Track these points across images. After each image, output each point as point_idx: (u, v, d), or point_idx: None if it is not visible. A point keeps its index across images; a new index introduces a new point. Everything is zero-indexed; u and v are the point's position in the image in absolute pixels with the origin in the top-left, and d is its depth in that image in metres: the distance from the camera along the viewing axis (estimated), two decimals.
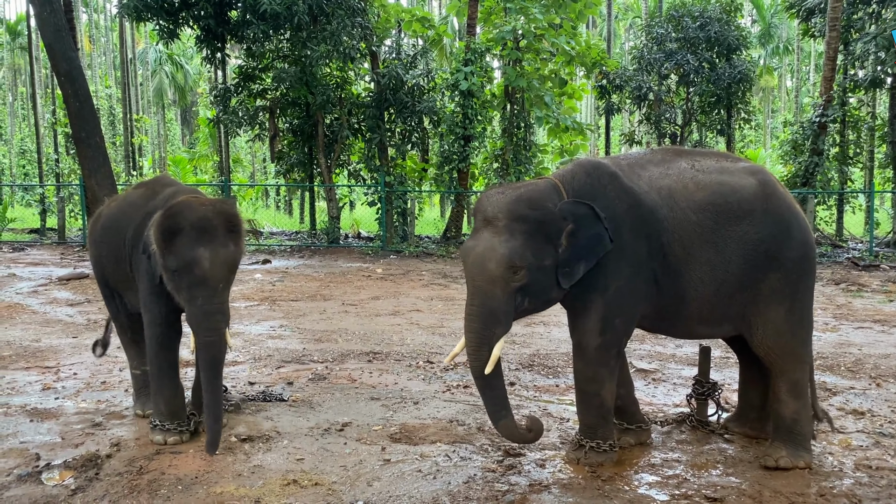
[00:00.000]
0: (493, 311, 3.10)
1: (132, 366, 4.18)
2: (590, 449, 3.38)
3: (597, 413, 3.35)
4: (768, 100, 39.97)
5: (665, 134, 16.62)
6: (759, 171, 3.38)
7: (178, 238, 3.30)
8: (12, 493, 3.15)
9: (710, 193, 3.25)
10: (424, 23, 16.26)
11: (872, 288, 9.29)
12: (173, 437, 3.67)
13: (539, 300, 3.19)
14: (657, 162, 3.41)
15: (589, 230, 3.11)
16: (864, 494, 3.07)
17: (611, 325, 3.23)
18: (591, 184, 3.27)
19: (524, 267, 3.06)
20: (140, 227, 3.68)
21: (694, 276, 3.24)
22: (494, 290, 3.08)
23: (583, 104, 32.37)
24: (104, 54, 41.81)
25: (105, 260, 4.02)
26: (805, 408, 3.38)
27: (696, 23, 15.44)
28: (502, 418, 3.18)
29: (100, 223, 4.10)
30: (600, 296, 3.21)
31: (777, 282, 3.26)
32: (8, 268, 11.05)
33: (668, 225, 3.22)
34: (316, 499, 3.06)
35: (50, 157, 21.18)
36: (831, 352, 5.72)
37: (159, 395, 3.71)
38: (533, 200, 3.15)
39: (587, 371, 3.30)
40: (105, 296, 4.18)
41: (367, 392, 4.62)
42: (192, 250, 3.28)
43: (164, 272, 3.38)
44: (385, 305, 7.97)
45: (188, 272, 3.29)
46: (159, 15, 14.18)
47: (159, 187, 3.96)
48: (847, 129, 14.75)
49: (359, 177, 16.33)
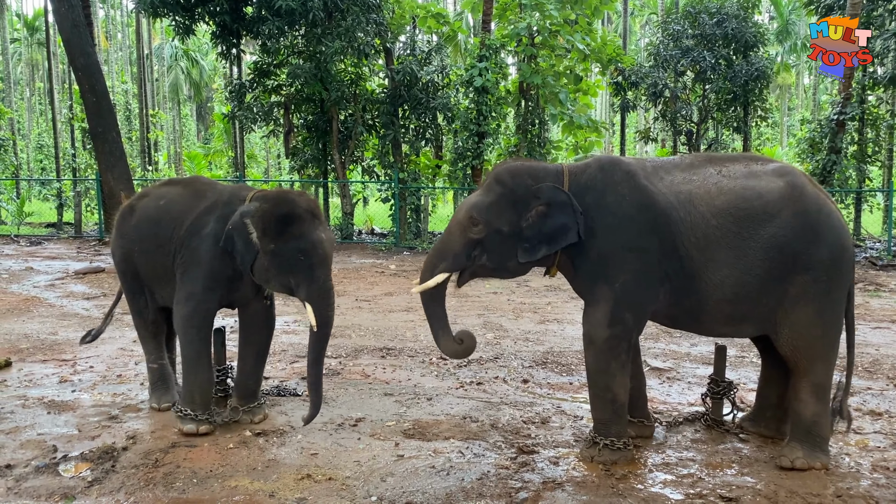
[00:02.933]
0: (445, 248, 3.47)
1: (149, 360, 4.22)
2: (604, 447, 3.38)
3: (609, 408, 3.36)
4: (785, 97, 39.61)
5: (681, 131, 16.49)
6: (789, 173, 3.32)
7: (294, 225, 3.53)
8: (30, 483, 3.18)
9: (733, 198, 3.24)
10: (439, 19, 16.20)
11: (890, 288, 9.19)
12: (205, 426, 3.75)
13: (494, 261, 3.42)
14: (684, 167, 3.42)
15: (559, 218, 3.27)
16: (882, 496, 3.04)
17: (620, 318, 3.27)
18: (602, 178, 3.36)
19: (482, 222, 3.34)
20: (199, 221, 3.77)
21: (714, 279, 3.24)
22: (455, 232, 3.44)
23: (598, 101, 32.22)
24: (121, 50, 42.11)
25: (139, 254, 4.02)
26: (825, 410, 3.34)
27: (713, 19, 15.29)
28: (440, 338, 3.52)
29: (133, 218, 4.08)
30: (609, 289, 3.27)
31: (806, 284, 3.22)
32: (25, 261, 11.16)
33: (683, 228, 3.24)
34: (329, 493, 3.07)
35: (67, 152, 21.34)
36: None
37: (195, 385, 3.77)
38: (516, 172, 3.43)
39: (596, 363, 3.35)
40: (132, 290, 4.17)
41: (381, 388, 4.63)
42: (313, 233, 3.54)
43: (274, 258, 3.54)
44: (398, 301, 7.98)
45: (312, 253, 3.51)
46: (175, 11, 14.24)
47: (203, 185, 4.10)
48: (865, 127, 14.55)
49: (372, 173, 16.34)
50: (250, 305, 3.94)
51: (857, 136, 14.43)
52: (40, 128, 35.13)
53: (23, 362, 5.21)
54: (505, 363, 5.30)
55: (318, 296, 3.54)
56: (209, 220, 3.76)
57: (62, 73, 31.11)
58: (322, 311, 3.54)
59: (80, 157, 20.38)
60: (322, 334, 3.55)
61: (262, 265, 3.59)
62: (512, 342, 6.02)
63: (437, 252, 3.50)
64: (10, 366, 5.11)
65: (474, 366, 5.22)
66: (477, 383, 4.77)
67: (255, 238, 3.55)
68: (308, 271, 3.52)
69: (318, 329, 3.52)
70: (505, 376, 4.96)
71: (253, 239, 3.56)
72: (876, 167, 16.62)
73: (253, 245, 3.57)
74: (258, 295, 3.91)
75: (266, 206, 3.60)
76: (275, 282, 3.63)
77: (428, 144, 16.13)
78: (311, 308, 3.51)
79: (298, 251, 3.51)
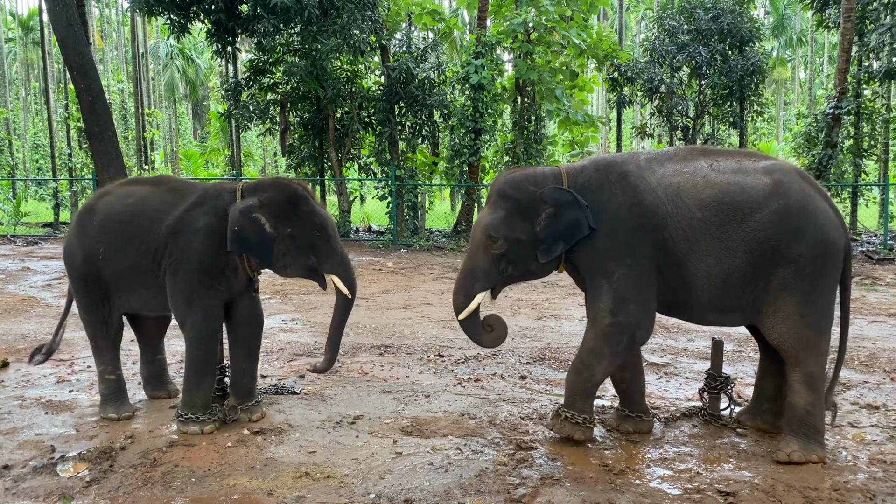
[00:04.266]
0: (475, 270, 3.58)
1: (107, 371, 4.02)
2: (565, 419, 3.55)
3: (581, 385, 3.53)
4: (781, 92, 39.66)
5: (677, 127, 16.51)
6: (777, 171, 3.40)
7: (302, 204, 3.69)
8: (28, 484, 3.18)
9: (718, 192, 3.36)
10: (435, 16, 16.18)
11: (887, 281, 9.21)
12: (209, 426, 3.75)
13: (520, 269, 3.60)
14: (677, 160, 3.53)
15: (569, 215, 3.44)
16: (879, 489, 3.05)
17: (623, 307, 3.41)
18: (597, 178, 3.53)
19: (501, 237, 3.50)
20: (186, 218, 3.71)
21: (700, 269, 3.37)
22: (478, 253, 3.57)
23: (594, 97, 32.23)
24: (116, 49, 42.00)
25: (105, 256, 3.82)
26: (819, 401, 3.37)
27: (709, 14, 15.30)
28: (479, 341, 3.68)
29: (95, 218, 3.88)
30: (607, 281, 3.44)
31: (787, 276, 3.30)
32: (22, 261, 11.15)
33: (670, 221, 3.38)
34: (328, 491, 3.07)
35: (63, 152, 21.32)
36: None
37: (198, 388, 3.75)
38: (518, 183, 3.56)
39: (592, 342, 3.50)
40: (93, 298, 3.93)
41: (379, 385, 4.64)
42: (320, 209, 3.76)
43: (293, 241, 3.69)
44: (396, 299, 7.98)
45: (327, 226, 3.73)
46: (170, 9, 14.21)
47: (179, 183, 4.06)
48: (861, 122, 14.57)
49: (369, 170, 16.34)
50: (239, 301, 3.89)
51: (852, 130, 14.45)
52: (36, 127, 35.07)
53: (20, 363, 5.20)
54: (503, 360, 5.30)
55: (341, 265, 3.76)
56: (198, 216, 3.71)
57: (57, 72, 31.02)
58: (349, 278, 3.79)
59: (77, 156, 20.36)
60: (351, 300, 3.81)
61: (279, 252, 3.69)
62: (509, 339, 6.01)
63: (468, 275, 3.60)
64: (7, 366, 5.10)
65: (472, 362, 5.22)
66: (475, 380, 4.77)
67: (270, 228, 3.64)
68: (327, 244, 3.72)
69: (350, 295, 3.78)
70: (503, 373, 4.96)
71: (267, 229, 3.63)
72: (872, 161, 16.66)
73: (269, 236, 3.65)
74: (248, 289, 3.89)
75: (270, 193, 3.69)
76: (294, 266, 3.76)
77: (424, 141, 16.12)
78: (338, 278, 3.75)
79: (314, 227, 3.69)
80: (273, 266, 3.75)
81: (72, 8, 12.08)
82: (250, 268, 3.79)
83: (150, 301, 3.92)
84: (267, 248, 3.67)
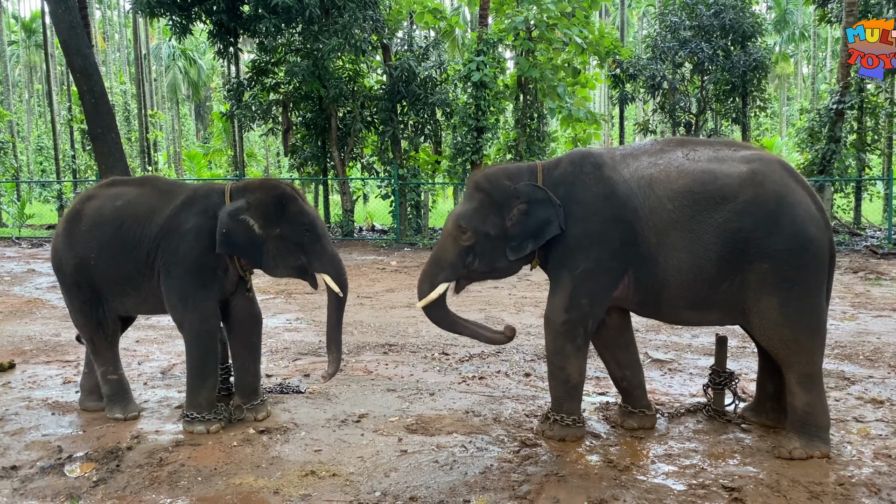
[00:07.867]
0: (441, 260, 3.60)
1: (108, 371, 4.01)
2: (554, 422, 3.58)
3: (562, 387, 3.54)
4: (784, 87, 39.54)
5: (679, 123, 16.47)
6: (756, 160, 3.27)
7: (291, 204, 3.69)
8: (36, 484, 3.20)
9: (689, 181, 3.25)
10: (436, 14, 16.17)
11: (891, 276, 9.19)
12: (215, 425, 3.76)
13: (487, 264, 3.57)
14: (653, 152, 3.45)
15: (540, 213, 3.40)
16: (884, 483, 3.05)
17: (576, 303, 3.40)
18: (572, 172, 3.49)
19: (470, 229, 3.49)
20: (176, 219, 3.70)
21: (671, 263, 3.27)
22: (447, 243, 3.58)
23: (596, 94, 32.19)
24: (118, 50, 42.08)
25: (98, 261, 3.80)
26: (819, 398, 3.32)
27: (711, 10, 15.26)
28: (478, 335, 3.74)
29: (84, 223, 3.84)
30: (569, 274, 3.42)
31: (764, 273, 3.18)
32: (27, 263, 11.18)
33: (641, 213, 3.31)
34: (334, 489, 3.08)
35: (66, 154, 21.38)
36: (849, 340, 5.67)
37: (202, 389, 3.76)
38: (494, 177, 3.56)
39: (553, 345, 3.51)
40: (87, 302, 3.92)
41: (383, 384, 4.65)
42: (308, 209, 3.76)
43: (282, 241, 3.69)
44: (400, 298, 7.99)
45: (316, 225, 3.73)
46: (172, 10, 14.23)
47: (167, 183, 4.04)
48: (865, 116, 14.52)
49: (372, 170, 16.35)
50: (235, 301, 3.89)
51: (856, 124, 14.40)
52: (39, 130, 35.16)
53: (26, 364, 5.23)
54: (507, 357, 5.31)
55: (331, 263, 3.77)
56: (188, 216, 3.71)
57: (60, 74, 31.11)
58: (340, 276, 3.80)
59: (80, 158, 20.42)
60: (343, 298, 3.83)
61: (269, 253, 3.69)
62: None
63: (434, 264, 3.62)
64: (13, 368, 5.13)
65: (476, 360, 5.23)
66: (479, 378, 4.78)
67: (259, 229, 3.63)
68: (316, 243, 3.72)
69: (342, 293, 3.80)
70: (507, 370, 4.97)
71: (256, 231, 3.63)
72: (875, 156, 16.59)
73: (258, 237, 3.65)
74: (240, 288, 3.89)
75: (259, 195, 3.69)
76: (284, 266, 3.77)
77: (427, 140, 16.13)
78: (329, 276, 3.75)
79: (303, 227, 3.69)
80: (263, 267, 3.74)
81: (74, 10, 12.10)
82: (241, 268, 3.80)
83: (143, 303, 3.92)
84: (256, 250, 3.67)
